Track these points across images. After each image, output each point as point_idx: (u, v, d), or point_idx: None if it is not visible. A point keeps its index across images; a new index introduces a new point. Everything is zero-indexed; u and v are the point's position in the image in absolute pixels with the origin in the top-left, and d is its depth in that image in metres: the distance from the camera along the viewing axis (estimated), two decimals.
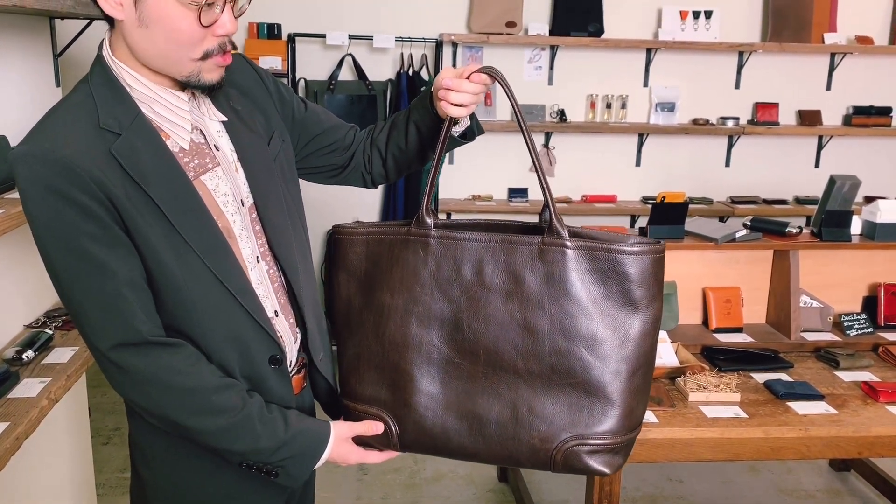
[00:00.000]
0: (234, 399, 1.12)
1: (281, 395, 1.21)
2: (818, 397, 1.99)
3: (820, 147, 4.45)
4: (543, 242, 1.14)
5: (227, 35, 1.11)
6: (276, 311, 1.23)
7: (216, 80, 1.13)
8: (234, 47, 1.16)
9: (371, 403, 1.23)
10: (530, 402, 1.15)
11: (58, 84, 2.33)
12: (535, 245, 1.14)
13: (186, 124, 1.15)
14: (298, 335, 1.29)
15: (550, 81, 4.20)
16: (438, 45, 4.01)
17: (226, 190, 1.17)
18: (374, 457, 1.26)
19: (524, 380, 1.15)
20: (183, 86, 1.14)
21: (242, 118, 1.24)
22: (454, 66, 4.10)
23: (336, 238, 1.28)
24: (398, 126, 1.39)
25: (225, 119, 1.21)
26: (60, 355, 1.93)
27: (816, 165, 4.47)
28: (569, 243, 1.13)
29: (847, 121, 4.37)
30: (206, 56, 1.09)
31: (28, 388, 1.75)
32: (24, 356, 1.86)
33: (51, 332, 2.02)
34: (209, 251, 1.12)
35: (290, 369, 1.26)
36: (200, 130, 1.17)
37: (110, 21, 1.10)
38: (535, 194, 4.26)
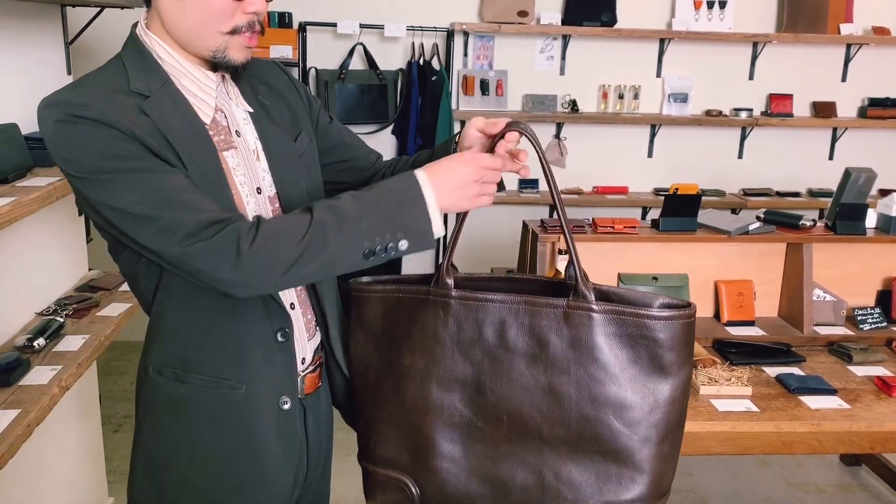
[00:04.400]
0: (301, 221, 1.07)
1: (285, 367, 1.21)
2: (831, 392, 1.97)
3: (834, 139, 4.41)
4: (569, 306, 1.10)
5: (257, 14, 1.13)
6: (292, 304, 1.23)
7: (242, 61, 1.16)
8: (263, 31, 1.18)
9: (391, 467, 1.22)
10: (556, 468, 1.12)
11: (69, 72, 2.33)
12: (560, 308, 1.10)
13: (211, 101, 1.17)
14: (317, 333, 1.29)
15: (562, 71, 4.17)
16: (450, 34, 3.99)
17: (244, 171, 1.19)
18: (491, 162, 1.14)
19: (550, 445, 1.12)
20: (212, 67, 1.16)
21: (269, 113, 1.26)
22: (465, 55, 4.08)
23: (352, 296, 1.26)
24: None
25: (251, 110, 1.23)
26: (71, 343, 1.93)
27: (830, 158, 4.43)
28: (595, 307, 1.09)
29: (862, 113, 4.32)
30: (234, 31, 1.12)
31: (39, 375, 1.76)
32: (35, 344, 1.87)
33: (62, 319, 2.03)
34: None
35: (305, 368, 1.26)
36: (224, 113, 1.19)
37: (147, 1, 1.14)
38: (546, 185, 4.24)
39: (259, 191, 1.20)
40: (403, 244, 1.08)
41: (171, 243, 1.04)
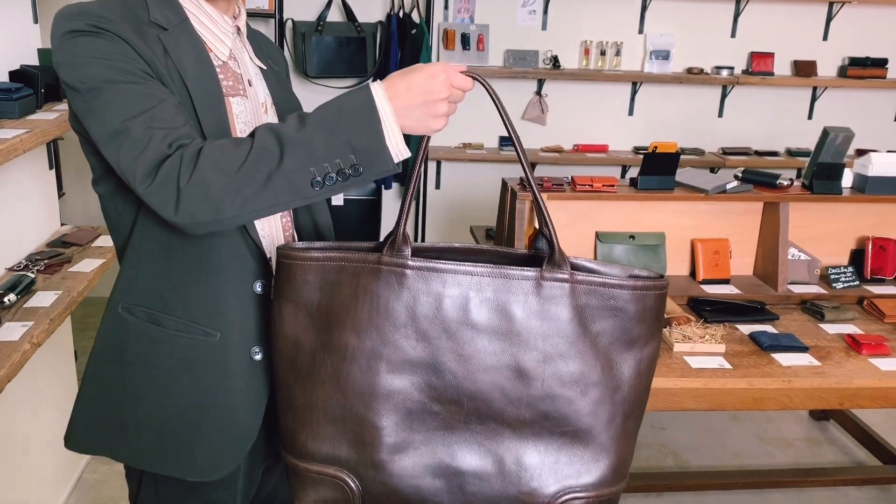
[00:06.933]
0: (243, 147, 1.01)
1: (262, 318, 1.18)
2: (802, 349, 2.00)
3: (814, 98, 4.41)
4: (543, 276, 1.03)
5: None
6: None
7: None
8: None
9: (328, 463, 1.09)
10: (517, 452, 1.06)
11: (35, 20, 2.26)
12: (530, 279, 1.03)
13: (228, 42, 1.19)
14: None
15: (544, 26, 4.11)
16: None
17: (247, 119, 1.20)
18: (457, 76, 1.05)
19: (512, 428, 1.05)
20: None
21: (279, 76, 1.32)
22: (446, 8, 4.01)
23: (280, 262, 1.11)
24: None
25: (264, 67, 1.27)
26: (43, 299, 1.91)
27: (810, 117, 4.43)
28: (567, 277, 1.03)
29: (842, 72, 4.32)
30: None
31: (10, 331, 1.74)
32: (5, 300, 1.84)
33: (33, 275, 2.00)
34: None
35: None
36: (238, 62, 1.22)
37: None
38: (527, 143, 4.22)
39: None
40: (359, 169, 0.99)
41: (134, 169, 1.00)
